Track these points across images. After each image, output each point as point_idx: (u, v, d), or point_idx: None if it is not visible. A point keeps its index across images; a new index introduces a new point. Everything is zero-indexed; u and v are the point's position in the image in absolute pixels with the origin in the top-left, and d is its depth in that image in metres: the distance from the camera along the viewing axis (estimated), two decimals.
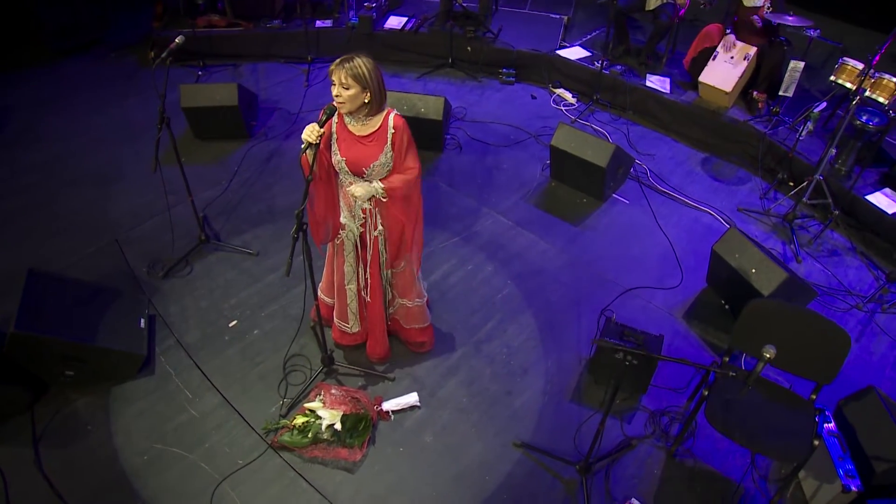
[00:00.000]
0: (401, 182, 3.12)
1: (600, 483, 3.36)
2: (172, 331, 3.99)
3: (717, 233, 4.78)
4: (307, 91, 6.06)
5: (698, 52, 5.61)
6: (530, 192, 5.14)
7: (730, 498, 3.33)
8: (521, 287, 4.37)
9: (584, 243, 4.72)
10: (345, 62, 2.85)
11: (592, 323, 4.14)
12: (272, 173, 5.18)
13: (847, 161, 4.88)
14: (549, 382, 3.82)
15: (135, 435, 3.48)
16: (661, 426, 3.64)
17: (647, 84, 5.83)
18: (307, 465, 3.38)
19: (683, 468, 3.46)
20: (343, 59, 2.87)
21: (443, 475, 3.37)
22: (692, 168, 5.46)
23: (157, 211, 4.77)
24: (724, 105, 5.50)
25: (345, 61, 2.86)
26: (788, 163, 5.09)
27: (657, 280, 4.46)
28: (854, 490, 3.06)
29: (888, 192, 4.77)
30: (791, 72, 5.10)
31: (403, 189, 3.14)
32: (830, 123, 5.38)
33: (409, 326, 3.81)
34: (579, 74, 6.09)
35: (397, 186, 3.11)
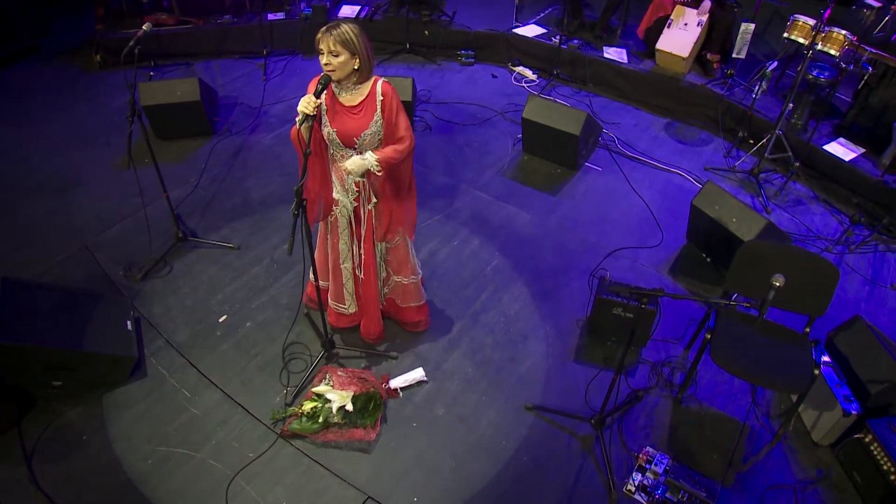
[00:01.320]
0: (394, 152, 3.08)
1: (614, 436, 3.41)
2: (160, 332, 3.85)
3: (688, 192, 4.94)
4: (266, 85, 5.93)
5: (653, 22, 5.77)
6: (504, 166, 5.18)
7: (738, 436, 3.45)
8: (510, 257, 4.39)
9: (563, 211, 4.79)
10: (331, 29, 2.81)
11: (583, 286, 4.20)
12: (241, 167, 5.05)
13: (802, 115, 5.11)
14: (550, 346, 3.86)
15: (135, 440, 3.33)
16: (664, 376, 3.72)
17: (605, 56, 5.96)
18: (321, 450, 3.32)
19: (690, 413, 3.56)
20: (329, 27, 2.82)
21: (460, 445, 3.36)
22: (656, 133, 5.61)
23: (126, 213, 4.59)
24: (681, 71, 5.68)
25: (331, 28, 2.81)
26: (748, 121, 5.30)
27: (639, 240, 4.57)
28: (854, 413, 3.21)
29: (842, 141, 5.02)
30: (742, 34, 5.29)
31: (397, 159, 3.09)
32: (782, 82, 5.62)
33: (404, 305, 3.77)
34: (537, 51, 6.17)
35: (391, 156, 3.06)
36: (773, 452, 3.39)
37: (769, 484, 3.24)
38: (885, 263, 4.46)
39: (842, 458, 3.29)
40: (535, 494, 3.17)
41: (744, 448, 3.40)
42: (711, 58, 5.66)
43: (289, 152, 5.21)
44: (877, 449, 3.09)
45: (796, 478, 3.27)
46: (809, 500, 3.18)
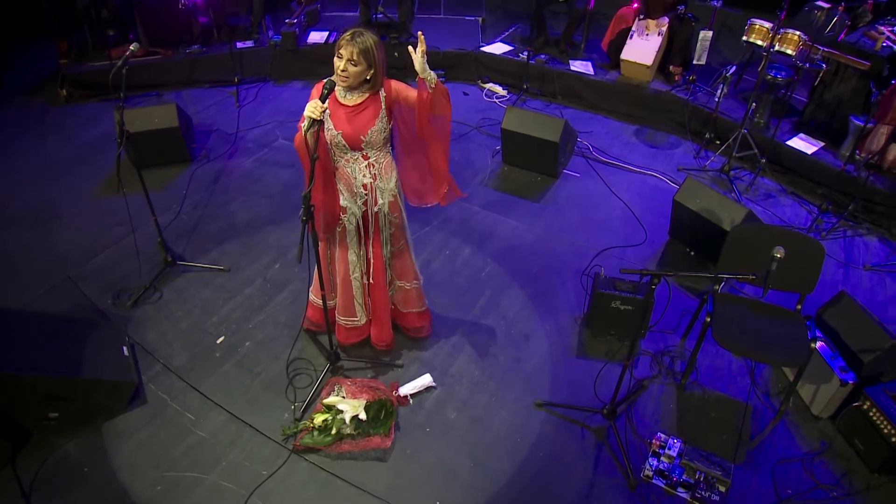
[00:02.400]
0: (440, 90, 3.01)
1: (625, 425, 3.47)
2: (156, 357, 3.74)
3: (664, 192, 5.14)
4: (240, 111, 5.92)
5: (615, 35, 6.02)
6: (486, 177, 5.28)
7: (742, 416, 3.54)
8: (502, 263, 4.46)
9: (548, 217, 4.90)
10: (356, 37, 2.84)
11: (577, 285, 4.29)
12: (223, 192, 5.01)
13: (764, 114, 5.38)
14: (552, 344, 3.91)
15: (141, 467, 3.22)
16: (664, 365, 3.81)
17: (572, 69, 6.17)
18: (336, 462, 3.26)
19: (695, 398, 3.65)
20: (354, 34, 2.86)
21: (476, 446, 3.36)
22: (628, 139, 5.81)
23: (109, 242, 4.49)
24: (646, 79, 5.92)
25: (356, 35, 2.85)
26: (713, 123, 5.54)
27: (624, 240, 4.70)
28: (850, 382, 3.35)
29: (803, 136, 5.30)
30: (701, 41, 5.58)
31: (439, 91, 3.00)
32: (740, 85, 5.92)
33: (406, 311, 3.77)
34: (506, 67, 6.35)
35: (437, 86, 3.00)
36: (777, 428, 3.50)
37: (778, 458, 3.34)
38: (855, 246, 4.69)
39: (842, 428, 3.42)
40: (557, 487, 3.19)
41: (749, 427, 3.50)
42: (674, 69, 5.93)
43: (270, 175, 5.20)
44: (876, 414, 3.22)
45: (802, 450, 3.38)
46: (818, 471, 3.29)
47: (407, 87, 3.10)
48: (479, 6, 7.41)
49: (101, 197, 4.93)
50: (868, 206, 4.83)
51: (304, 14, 6.60)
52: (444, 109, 3.07)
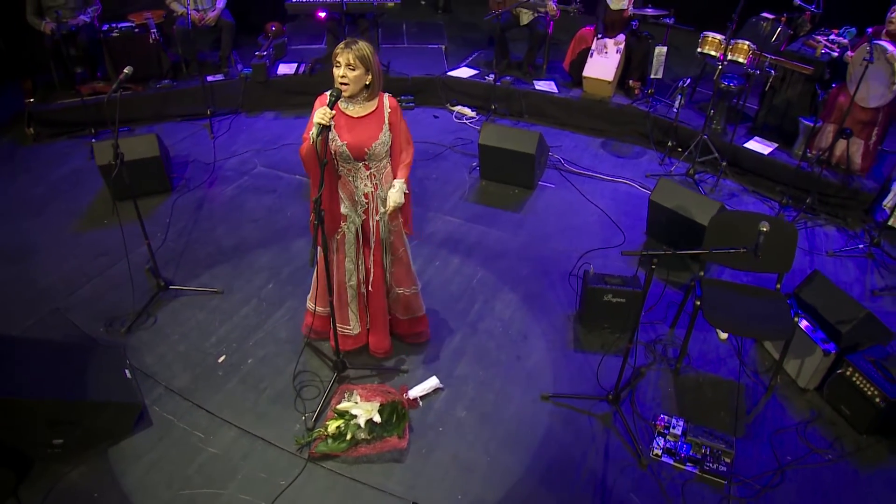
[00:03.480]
0: (407, 168, 3.36)
1: (629, 410, 3.60)
2: (157, 380, 3.70)
3: (637, 197, 5.40)
4: (215, 142, 5.95)
5: (576, 54, 6.34)
6: (466, 192, 5.43)
7: (736, 394, 3.72)
8: (492, 270, 4.58)
9: (530, 225, 5.07)
10: (350, 44, 2.99)
11: (566, 286, 4.44)
12: (207, 219, 5.01)
13: (721, 121, 5.74)
14: (549, 341, 4.03)
15: (154, 488, 3.16)
16: (658, 353, 3.98)
17: (537, 88, 6.45)
18: (354, 466, 3.28)
19: (690, 381, 3.81)
20: (348, 42, 3.00)
21: (489, 441, 3.43)
22: (595, 151, 6.09)
23: (94, 273, 4.44)
24: (608, 94, 6.24)
25: (350, 44, 2.99)
26: (674, 132, 5.87)
27: (604, 242, 4.90)
28: (832, 352, 3.58)
29: (758, 139, 5.67)
30: (657, 57, 5.95)
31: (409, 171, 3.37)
32: (696, 96, 6.30)
33: (405, 317, 3.84)
34: (473, 90, 6.59)
35: (407, 174, 3.35)
36: (769, 403, 3.68)
37: (774, 429, 3.52)
38: (816, 236, 5.01)
39: (829, 397, 3.63)
40: (572, 473, 3.28)
41: (744, 403, 3.68)
42: (633, 84, 6.28)
43: (252, 200, 5.23)
44: (859, 379, 3.44)
45: (795, 420, 3.58)
46: (811, 437, 3.48)
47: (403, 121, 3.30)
48: (441, 35, 7.70)
49: (80, 231, 4.87)
50: (823, 198, 5.18)
51: (272, 47, 6.73)
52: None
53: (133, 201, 3.97)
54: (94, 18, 6.13)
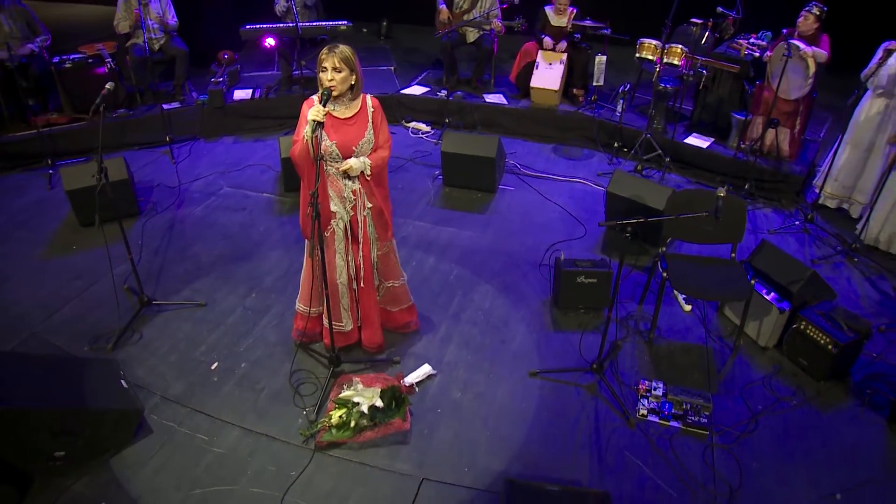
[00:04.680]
0: (380, 159, 3.47)
1: (612, 378, 3.85)
2: (152, 390, 3.71)
3: (591, 193, 5.76)
4: (177, 167, 5.99)
5: (522, 67, 6.73)
6: (431, 199, 5.66)
7: (706, 357, 4.04)
8: (467, 266, 4.80)
9: (497, 224, 5.33)
10: (334, 49, 3.19)
11: (537, 275, 4.70)
12: (180, 238, 5.04)
13: (661, 120, 6.20)
14: (529, 325, 4.26)
15: (163, 491, 3.18)
16: (630, 327, 4.26)
17: (487, 101, 6.79)
18: (361, 451, 3.39)
19: (662, 349, 4.10)
20: (331, 47, 3.20)
21: (487, 417, 3.60)
22: (548, 156, 6.44)
23: (70, 295, 4.41)
24: (554, 103, 6.63)
25: (333, 48, 3.19)
26: (619, 133, 6.30)
27: (567, 235, 5.19)
28: (787, 309, 3.94)
29: (696, 134, 6.15)
30: (598, 65, 6.39)
31: (381, 165, 3.48)
32: (636, 100, 6.77)
33: (395, 309, 4.00)
34: (427, 106, 6.87)
35: (378, 163, 3.45)
36: (736, 362, 4.01)
37: (743, 384, 3.83)
38: (757, 218, 5.46)
39: (787, 351, 3.98)
40: (567, 438, 3.48)
41: (714, 364, 3.99)
42: (577, 92, 6.71)
43: (223, 218, 5.29)
44: (812, 330, 3.81)
45: (760, 375, 3.91)
46: (777, 388, 3.81)
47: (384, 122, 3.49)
48: (388, 58, 8.01)
49: (49, 258, 4.82)
50: (759, 184, 5.66)
51: (226, 74, 6.84)
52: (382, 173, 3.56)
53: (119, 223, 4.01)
54: (42, 49, 6.10)
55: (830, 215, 5.47)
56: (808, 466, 3.37)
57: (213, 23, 7.76)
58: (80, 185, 4.89)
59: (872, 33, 5.34)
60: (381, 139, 3.49)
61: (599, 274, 4.24)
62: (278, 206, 5.50)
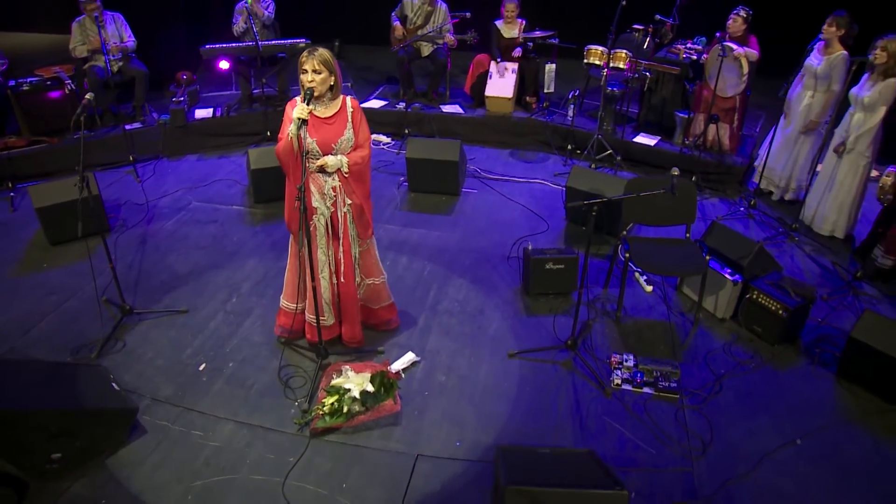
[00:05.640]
0: (359, 158, 3.66)
1: (586, 354, 4.09)
2: (141, 393, 3.76)
3: (550, 192, 6.08)
4: (143, 185, 6.01)
5: (475, 78, 7.04)
6: (398, 204, 5.86)
7: (669, 330, 4.33)
8: (438, 263, 5.00)
9: (463, 224, 5.56)
10: (313, 52, 3.37)
11: (506, 267, 4.94)
12: (154, 251, 5.08)
13: (610, 122, 6.58)
14: (503, 312, 4.48)
15: (164, 485, 3.24)
16: (598, 308, 4.53)
17: (444, 111, 7.07)
18: (356, 434, 3.52)
19: (629, 326, 4.38)
20: (310, 50, 3.38)
21: (472, 396, 3.79)
22: (506, 161, 6.74)
23: (46, 311, 4.41)
24: (508, 110, 6.95)
25: (313, 51, 3.38)
26: (571, 136, 6.65)
27: (530, 230, 5.46)
28: (739, 281, 4.28)
29: (644, 134, 6.56)
30: (548, 73, 6.75)
31: (360, 164, 3.67)
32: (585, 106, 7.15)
33: (377, 307, 4.16)
34: (386, 118, 7.09)
35: (357, 161, 3.64)
36: (697, 334, 4.32)
37: (706, 352, 4.14)
38: (705, 207, 5.84)
39: (743, 320, 4.31)
40: (549, 409, 3.70)
41: (678, 337, 4.29)
42: (530, 100, 7.06)
43: (195, 231, 5.35)
44: (763, 298, 4.15)
45: (720, 343, 4.22)
46: (736, 353, 4.13)
47: (363, 122, 3.71)
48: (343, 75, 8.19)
49: (20, 277, 4.79)
50: (705, 176, 6.07)
51: (186, 94, 6.91)
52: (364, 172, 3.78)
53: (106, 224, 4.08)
54: None
55: (771, 201, 5.92)
56: (769, 418, 3.68)
57: (167, 45, 7.83)
58: (49, 202, 4.89)
59: (798, 36, 5.85)
60: (361, 138, 3.68)
61: (566, 260, 4.51)
62: (249, 217, 5.59)
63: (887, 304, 4.61)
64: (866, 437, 3.59)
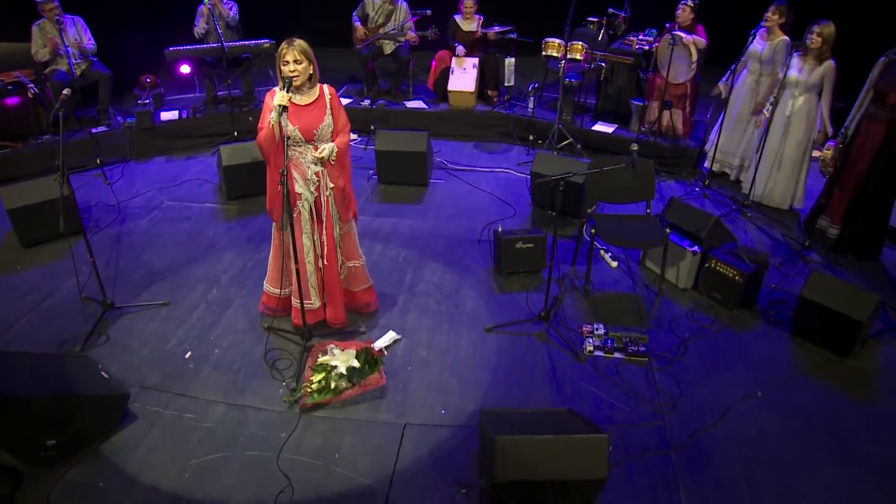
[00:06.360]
0: (343, 144, 3.82)
1: (559, 325, 4.31)
2: (129, 382, 3.82)
3: (515, 181, 6.31)
4: (113, 187, 6.02)
5: (438, 74, 7.24)
6: (369, 195, 6.00)
7: (636, 301, 4.59)
8: (413, 249, 5.16)
9: (433, 212, 5.74)
10: (292, 42, 3.51)
11: (477, 250, 5.14)
12: (130, 249, 5.12)
13: (569, 112, 6.85)
14: (478, 291, 4.67)
15: (160, 465, 3.32)
16: (567, 284, 4.76)
17: (408, 107, 7.24)
18: (345, 409, 3.66)
19: (598, 299, 4.62)
20: (289, 41, 3.52)
21: (453, 368, 3.96)
22: (470, 152, 6.95)
23: (24, 310, 4.41)
24: (471, 104, 7.17)
25: (291, 42, 3.52)
26: (533, 127, 6.90)
27: (498, 215, 5.67)
28: (698, 251, 4.56)
29: (601, 122, 6.85)
30: (508, 67, 7.00)
31: (343, 150, 3.82)
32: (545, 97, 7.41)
33: (356, 289, 4.31)
34: (352, 116, 6.90)
35: (341, 147, 3.80)
36: (662, 303, 4.59)
37: (671, 319, 4.40)
38: (663, 189, 6.13)
39: (703, 288, 4.59)
40: (527, 376, 3.91)
41: (644, 307, 4.54)
42: (491, 93, 7.29)
43: (170, 228, 5.40)
44: (721, 266, 4.44)
45: (683, 311, 4.49)
46: (699, 319, 4.40)
47: (341, 108, 3.87)
48: None
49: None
50: (661, 160, 6.36)
51: (151, 97, 6.93)
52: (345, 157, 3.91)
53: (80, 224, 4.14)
54: None
55: (723, 181, 6.26)
56: (732, 375, 3.95)
57: (128, 49, 7.80)
58: (23, 202, 4.90)
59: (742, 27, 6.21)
60: (341, 123, 3.83)
61: (535, 239, 4.72)
62: (223, 213, 5.66)
63: (833, 270, 4.96)
64: (819, 387, 3.89)
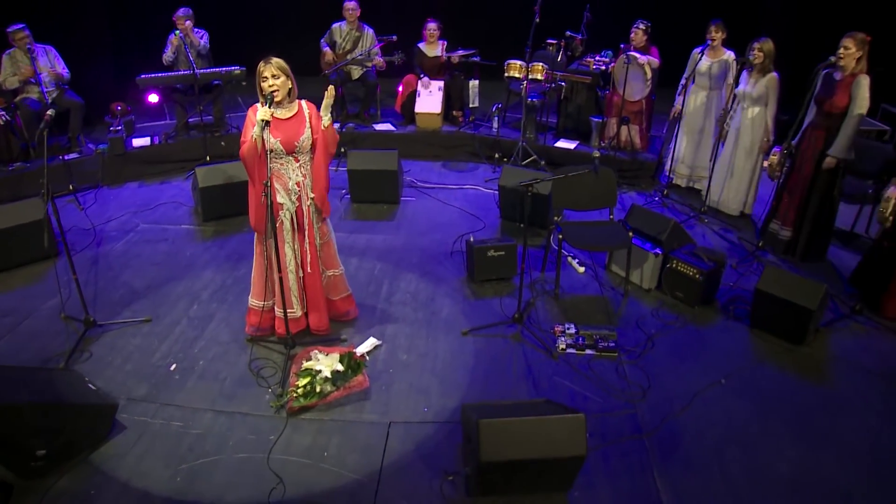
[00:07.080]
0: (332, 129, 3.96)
1: (532, 326, 4.51)
2: (116, 395, 3.87)
3: (483, 196, 6.56)
4: (86, 212, 6.05)
5: (405, 97, 7.50)
6: (342, 214, 6.17)
7: (604, 302, 4.83)
8: (388, 262, 5.33)
9: (406, 228, 5.93)
10: (269, 59, 3.70)
11: (450, 261, 5.33)
12: (108, 270, 5.17)
13: (532, 130, 7.16)
14: (453, 297, 4.86)
15: (151, 471, 3.38)
16: (537, 289, 4.98)
17: (377, 129, 7.47)
18: (331, 411, 3.77)
19: (568, 301, 4.85)
20: (266, 59, 3.71)
21: (433, 369, 4.12)
22: (439, 171, 7.19)
23: (3, 332, 4.42)
24: (438, 125, 7.44)
25: (268, 60, 3.70)
26: (498, 146, 7.19)
27: (469, 228, 5.88)
28: (660, 253, 4.84)
29: (563, 139, 7.18)
30: (472, 89, 7.31)
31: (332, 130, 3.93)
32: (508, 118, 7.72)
33: (336, 298, 4.45)
34: None
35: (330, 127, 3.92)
36: (628, 303, 4.84)
37: (637, 317, 4.65)
38: (623, 200, 6.42)
39: (666, 288, 4.86)
40: (505, 374, 4.09)
41: (611, 307, 4.79)
42: (456, 114, 7.58)
43: (147, 249, 5.47)
44: (681, 266, 4.72)
45: (649, 309, 4.75)
46: (663, 317, 4.66)
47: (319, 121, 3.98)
48: None
49: None
50: (621, 173, 6.68)
51: (122, 124, 7.00)
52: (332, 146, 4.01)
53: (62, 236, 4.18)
54: None
55: (681, 191, 6.61)
56: (696, 365, 4.20)
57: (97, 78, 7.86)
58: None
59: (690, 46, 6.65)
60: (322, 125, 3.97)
61: (506, 247, 4.95)
62: (200, 234, 5.75)
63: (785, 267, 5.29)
64: (776, 373, 4.16)
